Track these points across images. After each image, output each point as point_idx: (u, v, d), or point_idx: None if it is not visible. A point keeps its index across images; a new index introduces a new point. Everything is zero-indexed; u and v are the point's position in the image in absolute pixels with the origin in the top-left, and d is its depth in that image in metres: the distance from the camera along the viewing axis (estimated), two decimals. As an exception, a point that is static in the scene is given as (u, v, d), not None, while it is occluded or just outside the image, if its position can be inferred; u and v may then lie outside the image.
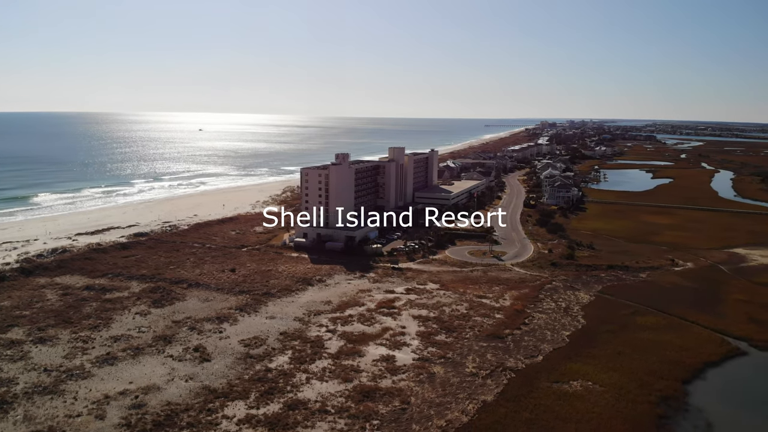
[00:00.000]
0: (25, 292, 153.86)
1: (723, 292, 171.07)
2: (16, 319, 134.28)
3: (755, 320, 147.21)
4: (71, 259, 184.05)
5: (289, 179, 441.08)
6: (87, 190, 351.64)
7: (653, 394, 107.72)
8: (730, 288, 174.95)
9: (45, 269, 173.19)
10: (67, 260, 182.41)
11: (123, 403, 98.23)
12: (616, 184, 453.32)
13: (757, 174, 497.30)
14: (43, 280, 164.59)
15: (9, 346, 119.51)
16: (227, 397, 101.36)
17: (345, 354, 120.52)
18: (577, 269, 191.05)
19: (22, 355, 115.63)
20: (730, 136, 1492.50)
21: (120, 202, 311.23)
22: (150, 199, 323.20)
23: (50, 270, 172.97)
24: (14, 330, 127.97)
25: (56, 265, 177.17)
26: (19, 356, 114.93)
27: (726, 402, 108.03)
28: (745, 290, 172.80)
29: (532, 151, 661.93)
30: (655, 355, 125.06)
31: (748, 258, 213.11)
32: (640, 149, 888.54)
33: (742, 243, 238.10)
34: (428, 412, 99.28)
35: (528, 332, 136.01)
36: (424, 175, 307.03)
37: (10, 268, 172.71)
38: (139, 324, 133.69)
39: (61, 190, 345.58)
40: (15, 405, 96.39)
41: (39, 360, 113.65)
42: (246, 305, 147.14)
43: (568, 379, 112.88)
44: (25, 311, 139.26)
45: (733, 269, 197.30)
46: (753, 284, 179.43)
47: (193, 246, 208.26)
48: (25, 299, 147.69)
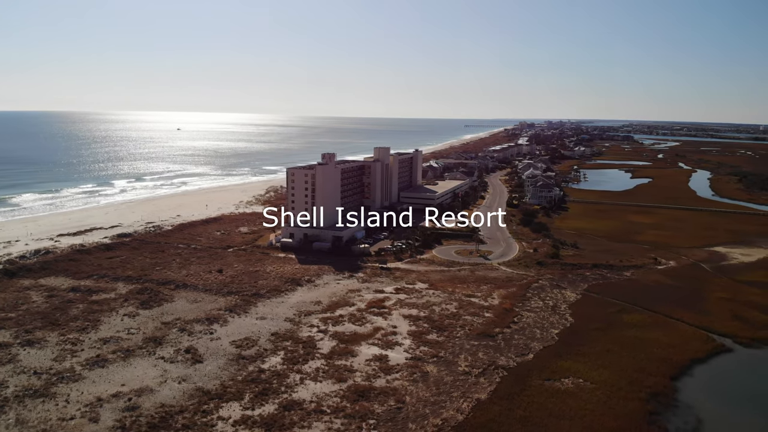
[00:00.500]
0: (9, 294, 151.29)
1: (706, 290, 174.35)
2: (2, 321, 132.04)
3: (739, 317, 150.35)
4: (55, 260, 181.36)
5: (272, 179, 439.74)
6: (67, 191, 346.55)
7: (643, 391, 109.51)
8: (713, 286, 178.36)
9: (28, 271, 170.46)
10: (51, 261, 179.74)
11: (116, 405, 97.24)
12: (596, 183, 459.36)
13: (734, 174, 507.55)
14: (27, 281, 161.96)
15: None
16: (221, 399, 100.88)
17: (338, 354, 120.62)
18: (563, 268, 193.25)
19: (11, 357, 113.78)
20: (705, 137, 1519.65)
21: (102, 203, 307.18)
22: (132, 200, 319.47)
23: (34, 271, 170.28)
24: (1, 332, 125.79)
25: (40, 266, 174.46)
26: (7, 359, 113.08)
27: (714, 398, 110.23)
28: (728, 288, 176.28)
29: (512, 152, 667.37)
30: (642, 352, 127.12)
31: (728, 256, 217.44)
32: (618, 149, 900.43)
33: (723, 242, 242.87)
34: (423, 410, 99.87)
35: (518, 330, 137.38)
36: (409, 174, 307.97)
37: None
38: (128, 326, 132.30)
39: (40, 190, 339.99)
40: (6, 409, 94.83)
41: (28, 363, 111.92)
42: (235, 306, 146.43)
43: (560, 376, 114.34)
44: (10, 313, 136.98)
45: (714, 267, 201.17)
46: (735, 282, 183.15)
47: (178, 247, 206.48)
48: (9, 301, 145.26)
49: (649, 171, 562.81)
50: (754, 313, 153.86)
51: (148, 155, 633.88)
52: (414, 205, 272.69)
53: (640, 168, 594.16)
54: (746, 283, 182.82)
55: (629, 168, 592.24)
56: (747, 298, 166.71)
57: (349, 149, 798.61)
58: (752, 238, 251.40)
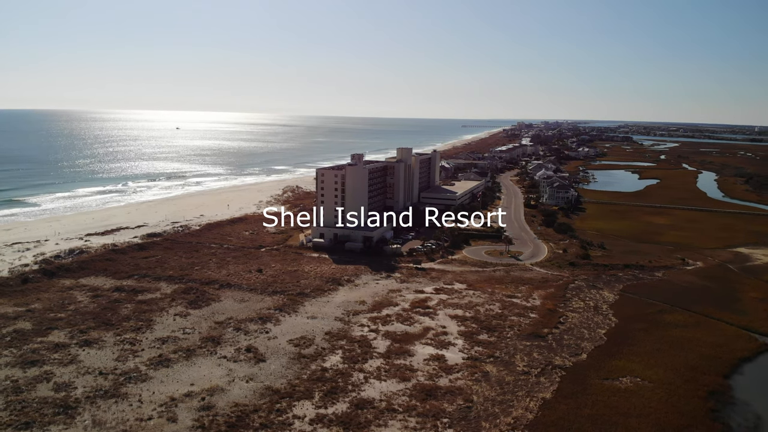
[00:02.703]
0: (53, 294, 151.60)
1: (738, 290, 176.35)
2: (53, 321, 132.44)
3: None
4: (91, 260, 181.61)
5: (285, 179, 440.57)
6: (81, 190, 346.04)
7: (701, 389, 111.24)
8: (744, 286, 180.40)
9: (67, 270, 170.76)
10: (87, 261, 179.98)
11: (191, 404, 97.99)
12: (605, 184, 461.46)
13: (740, 175, 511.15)
14: (67, 281, 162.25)
15: (54, 349, 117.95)
16: (292, 397, 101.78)
17: (395, 353, 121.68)
18: (595, 269, 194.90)
19: (71, 358, 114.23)
20: (702, 137, 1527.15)
21: (122, 203, 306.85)
22: (151, 200, 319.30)
23: (72, 271, 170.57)
24: (54, 333, 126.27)
25: (77, 266, 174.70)
26: (68, 360, 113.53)
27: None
28: (759, 288, 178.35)
29: (518, 152, 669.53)
30: (691, 351, 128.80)
31: (752, 257, 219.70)
32: (619, 150, 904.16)
33: (743, 243, 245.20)
34: (493, 409, 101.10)
35: (566, 331, 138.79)
36: (428, 175, 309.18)
37: (31, 269, 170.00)
38: (182, 325, 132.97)
39: (56, 190, 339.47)
40: (80, 410, 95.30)
41: (90, 363, 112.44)
42: (284, 305, 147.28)
43: (617, 375, 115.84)
44: (59, 313, 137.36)
45: (741, 268, 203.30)
46: (764, 283, 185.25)
47: (210, 246, 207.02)
48: (55, 301, 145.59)
49: (655, 172, 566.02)
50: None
51: (155, 155, 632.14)
52: (435, 206, 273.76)
53: (646, 169, 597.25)
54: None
55: (635, 169, 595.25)
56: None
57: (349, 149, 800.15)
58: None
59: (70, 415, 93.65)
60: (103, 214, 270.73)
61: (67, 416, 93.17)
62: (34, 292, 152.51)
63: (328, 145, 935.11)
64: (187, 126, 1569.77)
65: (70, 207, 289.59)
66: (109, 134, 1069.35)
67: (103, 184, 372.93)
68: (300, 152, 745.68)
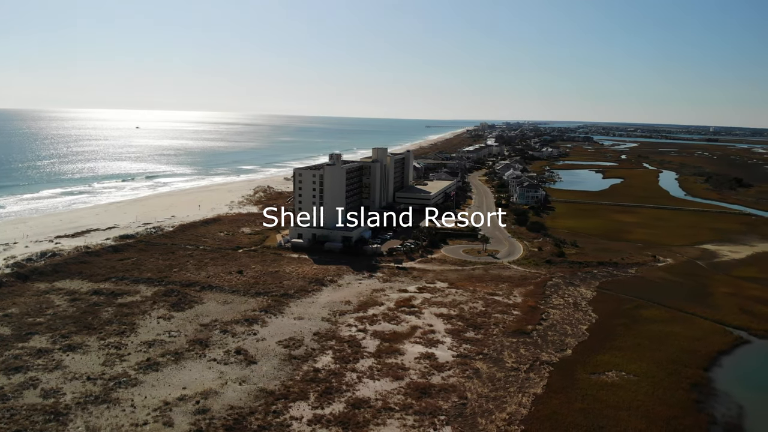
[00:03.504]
0: (28, 298, 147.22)
1: (709, 285, 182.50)
2: (33, 326, 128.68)
3: (747, 311, 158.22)
4: (65, 263, 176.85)
5: (255, 179, 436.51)
6: (46, 191, 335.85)
7: (683, 382, 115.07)
8: (714, 282, 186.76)
9: (41, 274, 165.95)
10: (61, 264, 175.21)
11: (185, 408, 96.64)
12: (571, 183, 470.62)
13: (699, 174, 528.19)
14: (42, 285, 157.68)
15: (37, 354, 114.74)
16: (287, 399, 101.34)
17: (385, 353, 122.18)
18: (571, 266, 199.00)
19: (56, 363, 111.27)
20: (659, 138, 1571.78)
21: (89, 204, 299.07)
22: (119, 201, 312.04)
23: (46, 274, 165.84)
24: (35, 338, 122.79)
25: (51, 269, 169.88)
26: (53, 365, 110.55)
27: (747, 386, 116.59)
28: (728, 284, 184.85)
29: (484, 152, 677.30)
30: (670, 345, 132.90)
31: (718, 254, 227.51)
32: (581, 150, 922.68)
33: (708, 240, 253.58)
34: (487, 405, 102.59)
35: (549, 327, 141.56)
36: (401, 175, 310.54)
37: (2, 272, 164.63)
38: (166, 328, 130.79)
39: (19, 192, 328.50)
40: (71, 416, 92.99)
41: (76, 368, 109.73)
42: (269, 307, 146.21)
43: (603, 370, 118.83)
44: (38, 318, 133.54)
45: (709, 264, 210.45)
46: (733, 278, 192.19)
47: (186, 248, 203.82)
48: (32, 306, 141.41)
49: (618, 171, 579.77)
50: (759, 307, 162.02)
51: (118, 155, 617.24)
52: (410, 205, 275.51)
53: (609, 168, 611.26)
54: (743, 278, 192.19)
55: (599, 168, 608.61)
56: (749, 293, 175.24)
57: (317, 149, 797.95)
58: (735, 236, 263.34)
59: (62, 422, 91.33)
60: (71, 215, 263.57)
61: (59, 423, 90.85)
62: (8, 296, 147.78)
63: (295, 145, 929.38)
64: (147, 125, 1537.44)
65: (36, 209, 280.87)
66: (67, 134, 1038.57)
67: (68, 186, 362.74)
68: (267, 152, 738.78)
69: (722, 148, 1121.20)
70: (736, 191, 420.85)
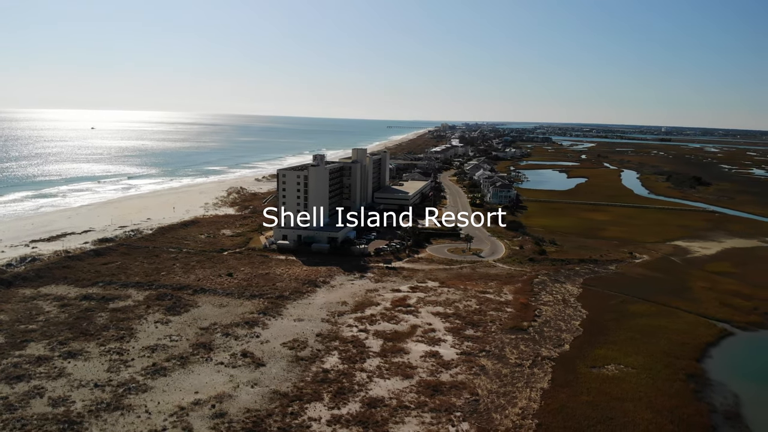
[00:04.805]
0: (15, 304, 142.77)
1: (687, 280, 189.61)
2: (26, 333, 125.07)
3: (727, 304, 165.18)
4: (47, 267, 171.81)
5: (225, 180, 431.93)
6: (10, 195, 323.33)
7: (679, 373, 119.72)
8: (691, 277, 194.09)
9: (24, 279, 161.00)
10: (43, 269, 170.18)
11: (202, 413, 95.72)
12: (538, 183, 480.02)
13: (659, 173, 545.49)
14: (28, 291, 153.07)
15: (37, 362, 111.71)
16: (302, 400, 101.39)
17: (390, 352, 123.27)
18: (553, 264, 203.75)
19: (59, 371, 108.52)
20: (614, 138, 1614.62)
21: (58, 207, 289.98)
22: (89, 203, 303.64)
23: (30, 280, 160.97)
24: (32, 345, 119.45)
25: (34, 274, 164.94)
26: (56, 373, 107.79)
27: (738, 376, 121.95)
28: (704, 278, 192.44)
29: (450, 153, 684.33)
30: (661, 338, 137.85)
31: (690, 250, 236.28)
32: (541, 150, 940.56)
33: (679, 236, 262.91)
34: (499, 401, 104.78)
35: (544, 323, 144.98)
36: (378, 175, 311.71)
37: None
38: (166, 333, 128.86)
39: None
40: (86, 424, 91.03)
41: (81, 375, 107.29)
42: (267, 309, 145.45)
43: (602, 364, 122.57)
44: (30, 325, 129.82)
45: (683, 260, 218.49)
46: (707, 273, 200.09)
47: (169, 251, 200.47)
48: (22, 312, 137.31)
49: (581, 171, 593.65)
50: (737, 300, 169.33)
51: (79, 157, 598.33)
52: (389, 206, 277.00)
53: (572, 168, 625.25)
54: (716, 273, 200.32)
55: (562, 168, 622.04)
56: (725, 287, 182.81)
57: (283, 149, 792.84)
58: (702, 233, 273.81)
59: (77, 430, 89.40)
60: (42, 219, 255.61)
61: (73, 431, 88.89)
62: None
63: (260, 145, 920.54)
64: (103, 126, 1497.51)
65: (4, 214, 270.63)
66: (23, 135, 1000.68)
67: (34, 188, 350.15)
68: (233, 152, 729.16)
69: (676, 148, 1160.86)
70: (696, 189, 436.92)
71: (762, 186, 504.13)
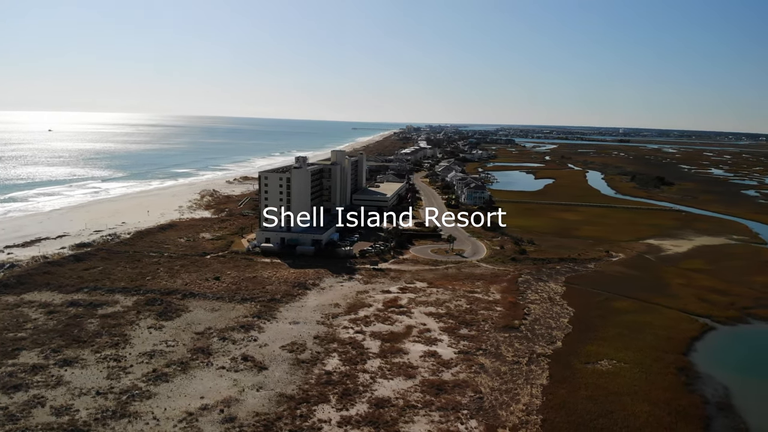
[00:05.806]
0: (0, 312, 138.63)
1: (664, 277, 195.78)
2: (16, 341, 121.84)
3: (705, 300, 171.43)
4: (27, 274, 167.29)
5: (196, 182, 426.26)
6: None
7: (669, 367, 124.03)
8: (667, 274, 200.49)
9: (5, 286, 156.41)
10: (24, 275, 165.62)
11: (211, 418, 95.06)
12: (507, 184, 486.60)
13: (623, 174, 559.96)
14: (10, 298, 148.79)
15: (33, 371, 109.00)
16: (309, 402, 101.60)
17: (390, 353, 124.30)
18: (534, 263, 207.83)
19: (57, 380, 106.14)
20: (575, 139, 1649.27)
21: (28, 212, 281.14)
22: (60, 207, 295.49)
23: (11, 287, 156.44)
24: (24, 353, 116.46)
25: (15, 281, 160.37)
26: (54, 381, 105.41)
27: (725, 368, 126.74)
28: (680, 275, 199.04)
29: (420, 155, 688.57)
30: (648, 334, 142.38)
31: (663, 248, 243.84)
32: (506, 152, 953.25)
33: (650, 235, 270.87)
34: (503, 398, 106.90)
35: (534, 321, 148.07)
36: (356, 177, 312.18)
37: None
38: (161, 338, 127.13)
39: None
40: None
41: (81, 383, 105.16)
42: (260, 312, 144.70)
43: (595, 359, 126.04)
44: (19, 333, 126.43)
45: (657, 258, 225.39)
46: (682, 270, 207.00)
47: (150, 255, 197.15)
48: (8, 320, 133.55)
49: (547, 172, 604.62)
50: (714, 296, 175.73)
51: (41, 160, 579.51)
52: (368, 207, 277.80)
53: (538, 169, 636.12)
54: (691, 270, 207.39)
55: (528, 170, 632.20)
56: (700, 284, 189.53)
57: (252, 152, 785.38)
58: (672, 231, 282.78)
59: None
60: (12, 224, 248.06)
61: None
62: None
63: (226, 147, 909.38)
64: (61, 128, 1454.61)
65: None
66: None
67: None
68: (200, 155, 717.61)
69: (635, 149, 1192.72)
70: (661, 189, 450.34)
71: (723, 185, 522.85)
